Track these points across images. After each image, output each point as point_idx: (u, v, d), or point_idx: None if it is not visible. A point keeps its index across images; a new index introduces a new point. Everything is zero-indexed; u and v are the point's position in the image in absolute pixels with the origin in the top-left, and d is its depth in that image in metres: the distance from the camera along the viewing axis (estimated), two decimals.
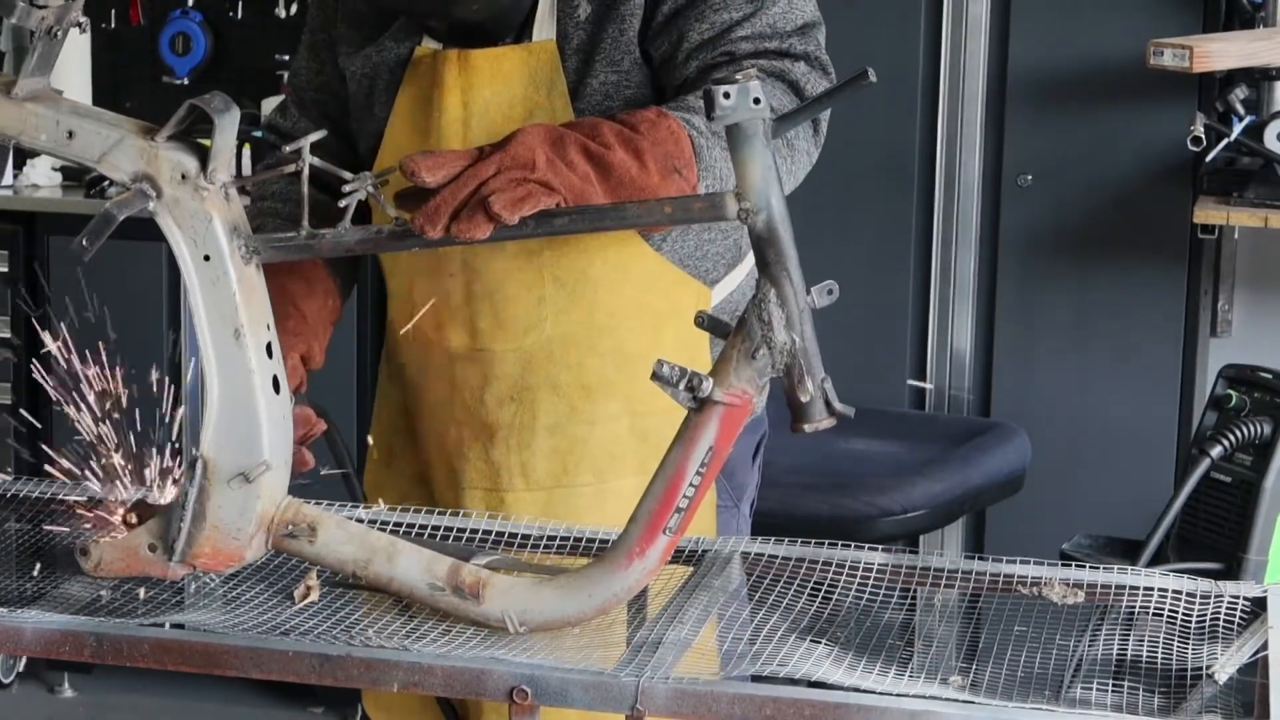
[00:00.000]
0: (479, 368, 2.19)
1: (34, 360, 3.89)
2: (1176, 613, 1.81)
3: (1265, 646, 1.73)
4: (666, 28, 2.11)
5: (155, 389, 2.11)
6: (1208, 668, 1.71)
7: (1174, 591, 1.84)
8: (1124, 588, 1.86)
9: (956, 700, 1.61)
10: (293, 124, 2.34)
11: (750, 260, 2.25)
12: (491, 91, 2.14)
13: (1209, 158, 3.71)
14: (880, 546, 1.93)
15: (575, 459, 2.18)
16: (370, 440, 2.35)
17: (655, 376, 1.70)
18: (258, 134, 4.35)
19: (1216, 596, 1.84)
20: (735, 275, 2.24)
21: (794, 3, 2.12)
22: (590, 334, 2.16)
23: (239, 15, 4.73)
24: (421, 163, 1.79)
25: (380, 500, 2.14)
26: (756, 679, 1.65)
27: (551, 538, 1.99)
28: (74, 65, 4.49)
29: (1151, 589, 1.85)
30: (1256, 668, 1.71)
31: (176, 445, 1.98)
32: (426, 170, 1.79)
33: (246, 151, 4.06)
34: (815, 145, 2.12)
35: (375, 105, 2.23)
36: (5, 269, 4.41)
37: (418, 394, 2.27)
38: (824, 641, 1.74)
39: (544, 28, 2.14)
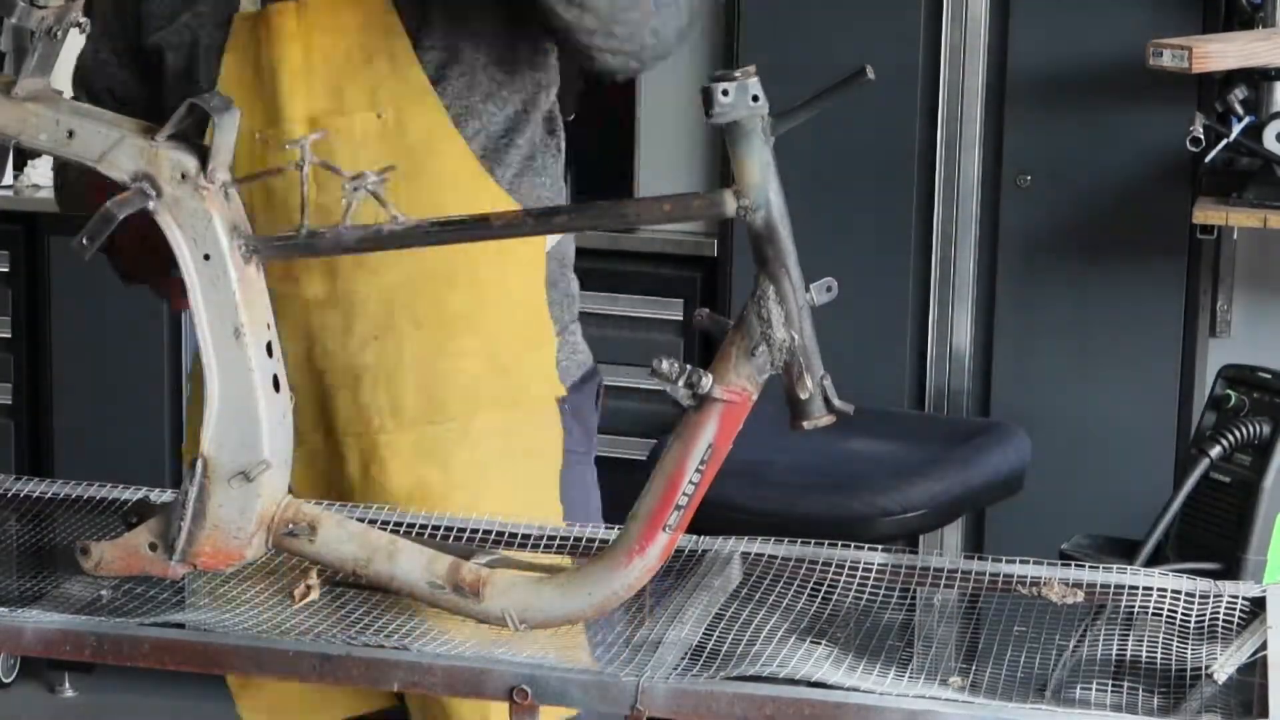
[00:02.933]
0: (340, 312, 2.19)
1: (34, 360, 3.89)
2: (1176, 612, 1.81)
3: (1264, 646, 1.73)
4: None
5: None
6: (1207, 668, 1.71)
7: (1173, 591, 1.84)
8: (1123, 587, 1.86)
9: (956, 700, 1.61)
10: (106, 62, 2.35)
11: None
12: (330, 40, 2.15)
13: (1208, 158, 3.71)
14: (880, 546, 1.93)
15: (441, 395, 2.20)
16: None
17: (654, 373, 1.70)
18: None
19: (1216, 596, 1.84)
20: None
21: None
22: (449, 268, 2.18)
23: None
24: None
25: None
26: (756, 679, 1.65)
27: (551, 537, 1.99)
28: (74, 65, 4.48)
29: (1151, 589, 1.85)
30: (1256, 668, 1.71)
31: None
32: None
33: None
34: None
35: (198, 73, 2.22)
36: (5, 269, 4.41)
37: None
38: (824, 642, 1.74)
39: None
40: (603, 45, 2.09)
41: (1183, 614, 1.81)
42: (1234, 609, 1.82)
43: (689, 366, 1.69)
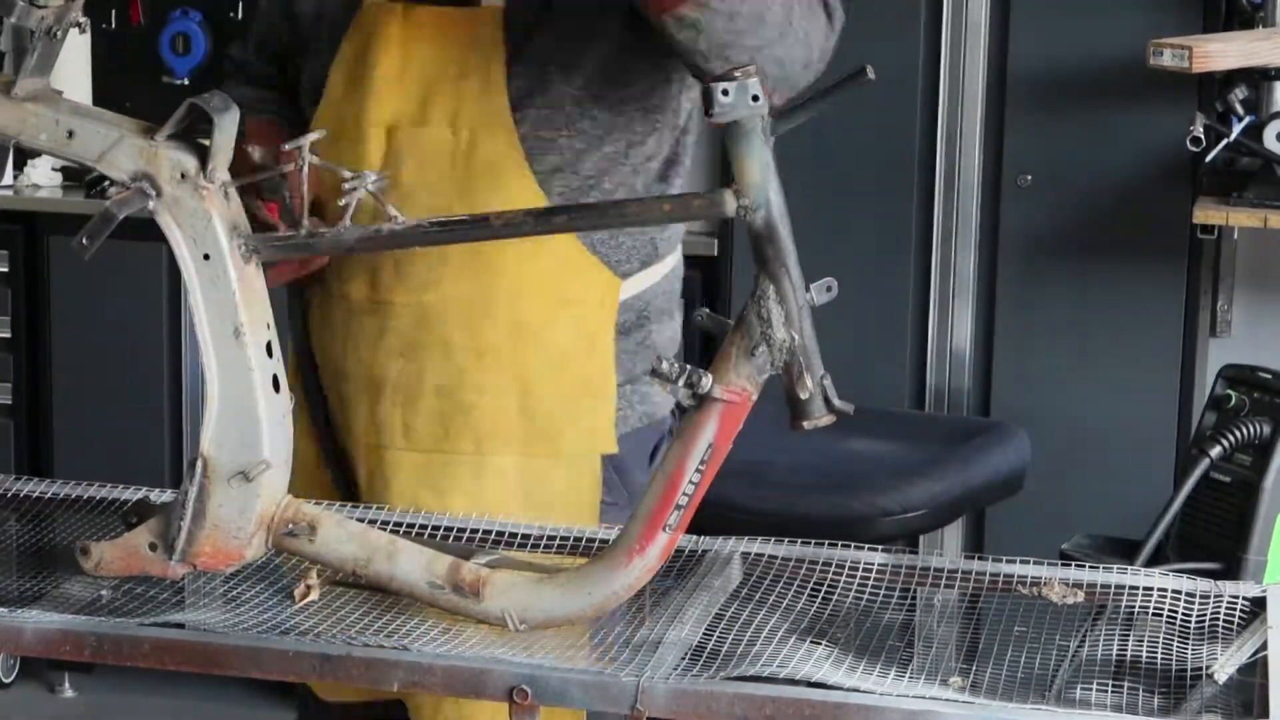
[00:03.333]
0: (376, 320, 2.17)
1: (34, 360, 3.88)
2: (1176, 613, 1.81)
3: (1265, 646, 1.73)
4: None
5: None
6: (1207, 668, 1.72)
7: (1173, 591, 1.84)
8: (1123, 588, 1.86)
9: (956, 701, 1.61)
10: (242, 57, 2.37)
11: (667, 264, 2.24)
12: (430, 50, 2.12)
13: (1209, 158, 3.71)
14: (880, 546, 1.93)
15: (458, 425, 2.16)
16: None
17: (654, 373, 1.70)
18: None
19: (1216, 596, 1.84)
20: (648, 275, 2.22)
21: None
22: (488, 300, 2.14)
23: (239, 15, 4.74)
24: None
25: None
26: (756, 679, 1.65)
27: (551, 537, 1.99)
28: (74, 65, 4.49)
29: (1151, 589, 1.85)
30: (1256, 668, 1.71)
31: None
32: None
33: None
34: (831, 29, 2.10)
35: (321, 51, 2.22)
36: (5, 269, 4.41)
37: (317, 347, 2.25)
38: (824, 642, 1.74)
39: None
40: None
41: (1183, 614, 1.81)
42: (1234, 609, 1.82)
43: (689, 366, 1.69)
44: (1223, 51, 3.59)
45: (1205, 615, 1.81)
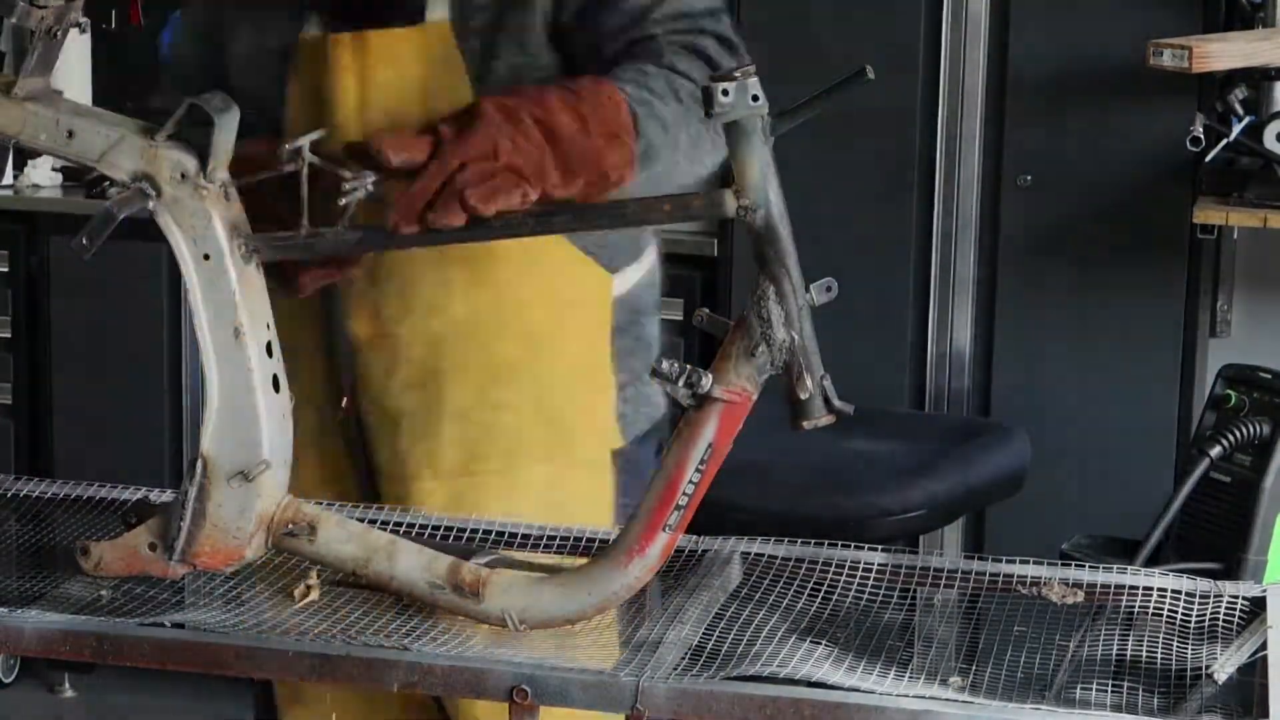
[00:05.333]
0: (384, 355, 2.16)
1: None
2: (1176, 612, 1.81)
3: (1264, 646, 1.73)
4: (579, 19, 2.11)
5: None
6: (1207, 668, 1.72)
7: (1173, 591, 1.84)
8: (1123, 587, 1.86)
9: (956, 700, 1.61)
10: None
11: (649, 258, 2.27)
12: (387, 75, 2.11)
13: (1208, 158, 3.71)
14: (880, 546, 1.93)
15: (484, 446, 2.16)
16: None
17: (654, 374, 1.70)
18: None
19: (1216, 596, 1.84)
20: (636, 270, 2.24)
21: None
22: (498, 316, 2.14)
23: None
24: (387, 143, 1.82)
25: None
26: (756, 679, 1.65)
27: (551, 537, 1.99)
28: (74, 65, 4.49)
29: (1151, 589, 1.85)
30: (1256, 668, 1.71)
31: None
32: (391, 150, 1.81)
33: None
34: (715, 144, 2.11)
35: (262, 92, 2.17)
36: (5, 269, 4.41)
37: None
38: (823, 642, 1.74)
39: (437, 7, 2.11)
40: None
41: (1183, 614, 1.81)
42: (1234, 609, 1.82)
43: (689, 366, 1.69)
44: (1223, 51, 3.59)
45: (1205, 615, 1.81)
